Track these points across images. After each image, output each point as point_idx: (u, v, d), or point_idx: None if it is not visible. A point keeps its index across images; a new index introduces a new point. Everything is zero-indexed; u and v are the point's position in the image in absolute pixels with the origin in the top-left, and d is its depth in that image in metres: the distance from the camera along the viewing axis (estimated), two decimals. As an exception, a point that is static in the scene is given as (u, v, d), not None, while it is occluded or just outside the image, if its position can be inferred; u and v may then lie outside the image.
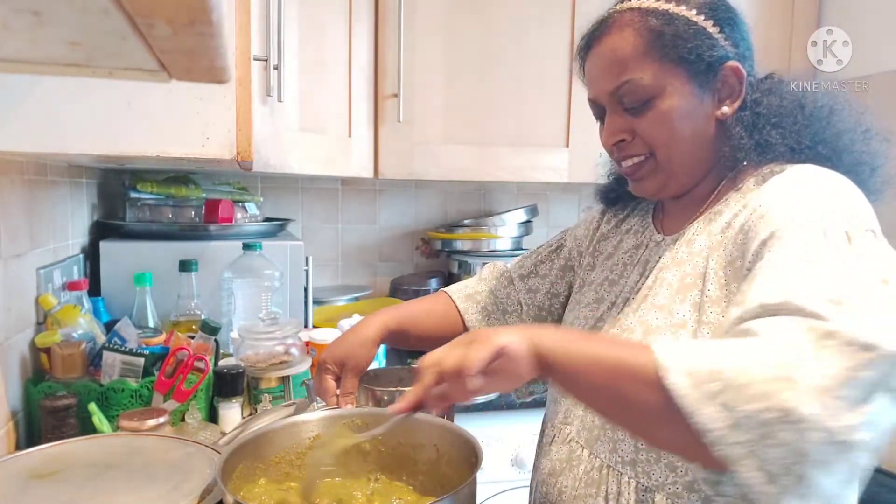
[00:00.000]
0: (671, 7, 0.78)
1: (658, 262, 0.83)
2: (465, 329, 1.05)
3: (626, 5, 0.80)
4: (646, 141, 0.79)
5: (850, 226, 0.62)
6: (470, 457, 0.79)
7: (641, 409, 0.57)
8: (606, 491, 0.77)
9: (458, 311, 1.06)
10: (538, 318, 1.05)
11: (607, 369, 0.59)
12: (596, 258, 0.98)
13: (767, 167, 0.77)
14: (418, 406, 0.70)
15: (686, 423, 0.52)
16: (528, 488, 0.97)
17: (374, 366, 1.42)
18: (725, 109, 0.79)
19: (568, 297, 1.02)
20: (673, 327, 0.73)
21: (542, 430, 0.99)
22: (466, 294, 1.08)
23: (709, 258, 0.74)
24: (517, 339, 0.62)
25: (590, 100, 0.86)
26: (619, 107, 0.80)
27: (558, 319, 1.04)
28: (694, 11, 0.77)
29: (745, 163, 0.78)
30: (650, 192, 0.84)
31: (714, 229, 0.77)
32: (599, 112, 0.86)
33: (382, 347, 1.47)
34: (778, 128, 0.77)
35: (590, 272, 0.97)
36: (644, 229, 0.91)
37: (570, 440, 0.85)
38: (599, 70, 0.82)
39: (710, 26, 0.77)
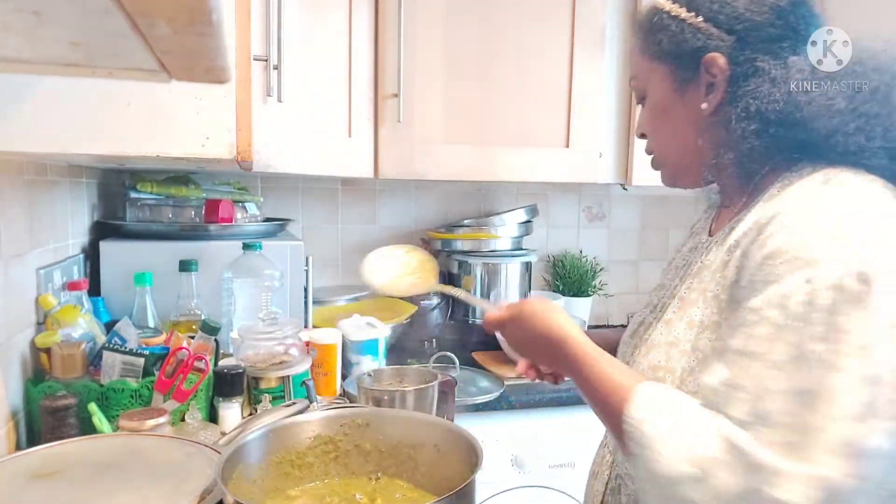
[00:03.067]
0: (659, 2, 0.77)
1: (693, 267, 0.79)
2: None
3: None
4: (646, 135, 0.83)
5: (839, 295, 0.57)
6: (470, 457, 0.79)
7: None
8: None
9: None
10: None
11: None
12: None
13: (794, 169, 0.70)
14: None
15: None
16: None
17: (373, 366, 1.42)
18: (704, 105, 0.74)
19: None
20: (666, 346, 0.73)
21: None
22: None
23: (715, 274, 0.71)
24: None
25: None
26: (637, 101, 0.85)
27: None
28: (676, 5, 0.75)
29: (757, 165, 0.73)
30: (666, 183, 0.85)
31: (728, 242, 0.72)
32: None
33: (383, 348, 1.47)
34: (772, 124, 0.70)
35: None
36: (701, 231, 0.87)
37: (606, 444, 0.89)
38: None
39: (692, 17, 0.73)
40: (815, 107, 0.67)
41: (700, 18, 0.73)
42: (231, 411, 1.14)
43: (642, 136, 0.84)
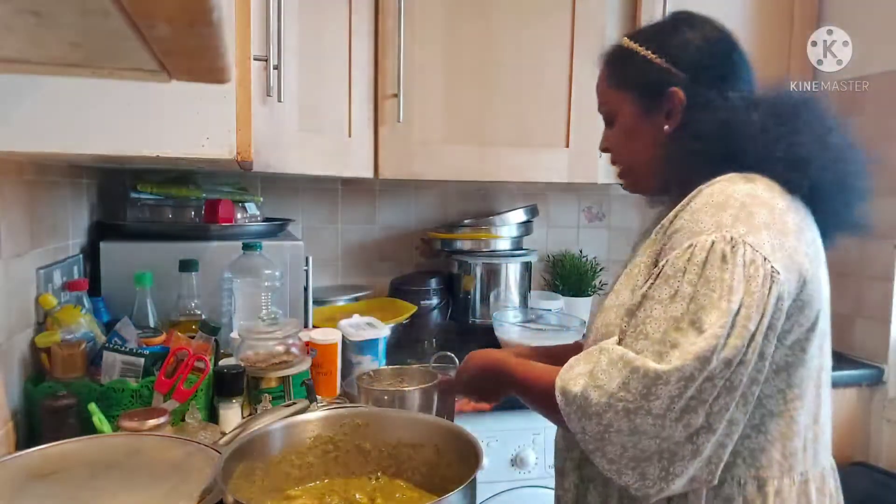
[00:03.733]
0: (627, 43, 0.94)
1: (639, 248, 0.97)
2: None
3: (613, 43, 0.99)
4: (612, 150, 0.99)
5: (711, 255, 0.77)
6: (470, 457, 0.79)
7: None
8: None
9: None
10: None
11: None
12: None
13: (716, 175, 0.87)
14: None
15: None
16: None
17: (373, 366, 1.42)
18: (665, 127, 0.92)
19: None
20: (615, 307, 0.88)
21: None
22: None
23: (646, 250, 0.89)
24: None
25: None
26: (606, 123, 1.00)
27: None
28: (643, 47, 0.92)
29: (695, 174, 0.88)
30: (629, 190, 1.01)
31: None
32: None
33: (383, 348, 1.47)
34: (711, 143, 0.87)
35: None
36: (654, 225, 0.99)
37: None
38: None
39: (656, 58, 0.91)
40: (739, 131, 0.86)
41: (663, 59, 0.91)
42: (231, 411, 1.14)
43: (606, 150, 1.00)
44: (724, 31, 0.93)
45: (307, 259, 1.57)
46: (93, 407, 1.03)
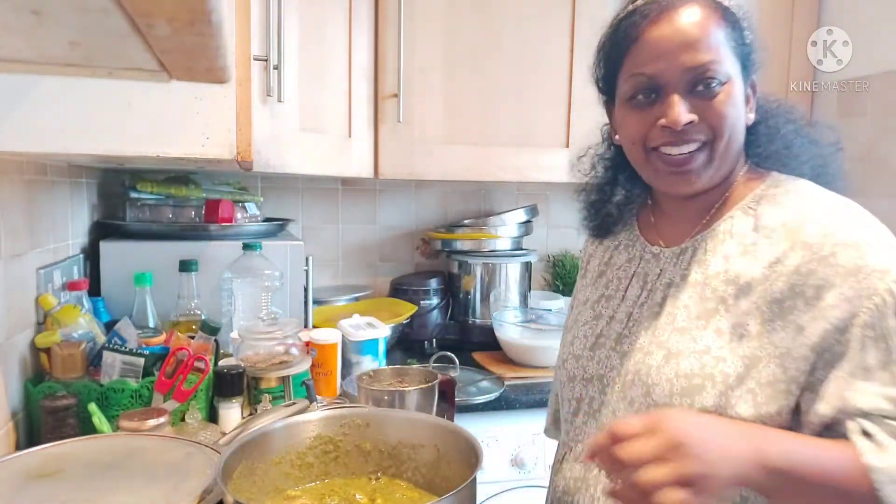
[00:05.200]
0: (737, 11, 0.80)
1: (661, 275, 0.84)
2: None
3: None
4: (711, 125, 0.76)
5: None
6: (470, 457, 0.79)
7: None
8: None
9: None
10: None
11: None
12: (585, 278, 0.99)
13: (763, 183, 0.81)
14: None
15: None
16: None
17: (374, 366, 1.42)
18: (750, 115, 0.81)
19: None
20: (697, 354, 0.74)
21: (557, 448, 0.98)
22: None
23: (729, 285, 0.76)
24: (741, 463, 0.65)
25: (645, 75, 0.77)
26: (689, 86, 0.76)
27: None
28: (746, 23, 0.80)
29: (751, 173, 0.82)
30: (691, 186, 0.79)
31: (731, 251, 0.78)
32: (651, 90, 0.78)
33: (383, 348, 1.47)
34: (779, 143, 0.81)
35: (583, 292, 0.97)
36: (633, 242, 0.92)
37: (582, 458, 0.82)
38: (677, 46, 0.75)
39: (751, 37, 0.80)
40: (788, 137, 0.81)
41: (752, 38, 0.80)
42: (231, 411, 1.14)
43: (689, 123, 0.76)
44: None
45: (307, 259, 1.57)
46: (93, 407, 1.03)
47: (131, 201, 1.55)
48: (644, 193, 0.95)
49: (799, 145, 0.82)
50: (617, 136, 0.88)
